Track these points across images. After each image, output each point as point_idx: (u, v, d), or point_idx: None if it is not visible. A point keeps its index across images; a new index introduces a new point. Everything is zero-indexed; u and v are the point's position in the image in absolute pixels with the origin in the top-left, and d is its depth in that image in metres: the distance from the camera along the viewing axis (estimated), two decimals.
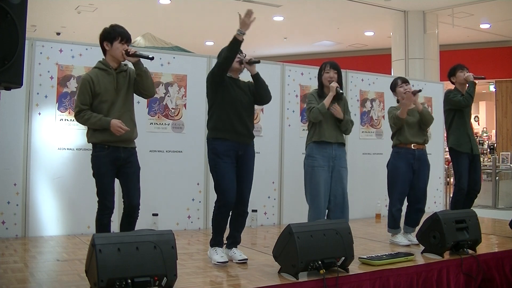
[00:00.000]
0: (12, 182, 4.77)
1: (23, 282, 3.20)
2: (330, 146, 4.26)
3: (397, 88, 4.77)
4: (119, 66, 3.63)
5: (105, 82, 3.54)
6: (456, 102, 5.11)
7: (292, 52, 14.88)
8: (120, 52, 3.53)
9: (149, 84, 3.65)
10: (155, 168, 5.22)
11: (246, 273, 3.54)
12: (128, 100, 3.66)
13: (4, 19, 2.48)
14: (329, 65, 4.33)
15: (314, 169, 4.22)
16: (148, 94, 3.75)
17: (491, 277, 4.19)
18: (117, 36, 3.54)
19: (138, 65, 3.57)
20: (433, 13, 10.80)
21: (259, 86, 3.82)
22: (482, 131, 15.42)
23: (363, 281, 3.52)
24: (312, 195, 4.23)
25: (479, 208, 7.51)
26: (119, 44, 3.54)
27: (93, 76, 3.53)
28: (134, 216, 3.69)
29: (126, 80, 3.64)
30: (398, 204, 4.68)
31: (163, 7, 10.60)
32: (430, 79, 9.85)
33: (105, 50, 3.60)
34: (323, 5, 10.38)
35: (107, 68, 3.58)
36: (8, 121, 4.77)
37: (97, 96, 3.52)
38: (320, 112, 4.17)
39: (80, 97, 3.52)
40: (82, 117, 3.51)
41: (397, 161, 4.69)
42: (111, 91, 3.55)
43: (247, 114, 3.82)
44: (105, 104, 3.53)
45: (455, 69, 5.24)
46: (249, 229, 5.43)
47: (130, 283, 2.71)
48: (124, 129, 3.48)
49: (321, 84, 4.38)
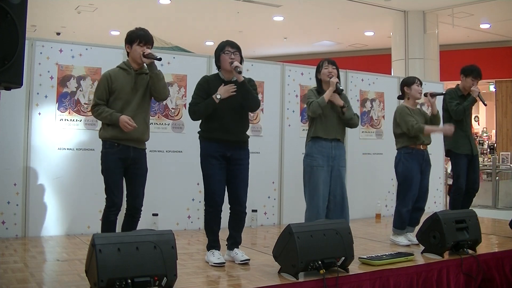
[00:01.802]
0: (12, 182, 4.77)
1: (23, 282, 3.20)
2: (329, 144, 4.24)
3: (414, 85, 4.75)
4: (140, 68, 3.72)
5: (122, 81, 3.64)
6: (449, 108, 5.12)
7: (292, 52, 14.88)
8: (139, 54, 3.63)
9: (160, 87, 3.71)
10: (155, 168, 5.20)
11: (246, 273, 3.54)
12: (144, 102, 3.74)
13: (4, 19, 2.48)
14: (327, 62, 4.33)
15: (313, 169, 4.21)
16: (160, 97, 3.81)
17: (491, 277, 4.19)
18: (136, 38, 3.65)
19: (151, 67, 3.65)
20: (433, 13, 10.81)
21: (243, 94, 3.75)
22: (482, 131, 15.42)
23: (363, 281, 3.52)
24: (311, 194, 4.22)
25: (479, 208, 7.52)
26: (138, 47, 3.64)
27: (112, 74, 3.66)
28: (136, 217, 3.74)
29: (145, 83, 3.72)
30: (409, 205, 4.65)
31: (163, 7, 10.59)
32: (430, 79, 9.84)
33: (127, 52, 3.72)
34: (323, 5, 10.38)
35: (127, 68, 3.69)
36: (8, 121, 4.77)
37: (113, 93, 3.63)
38: (319, 105, 4.14)
39: (97, 92, 3.66)
40: (96, 111, 3.63)
41: (410, 162, 4.65)
42: (127, 90, 3.64)
43: (238, 116, 3.80)
44: (119, 101, 3.62)
45: (471, 73, 5.15)
46: (249, 229, 5.43)
47: (130, 283, 2.71)
48: (131, 125, 3.53)
49: (319, 81, 4.37)
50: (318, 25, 12.12)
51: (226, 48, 3.77)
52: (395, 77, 7.13)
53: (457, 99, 5.17)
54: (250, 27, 12.19)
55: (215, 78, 3.86)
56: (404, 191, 4.68)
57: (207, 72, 5.55)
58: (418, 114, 4.77)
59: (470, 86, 5.15)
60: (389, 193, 6.78)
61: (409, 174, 4.63)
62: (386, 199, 6.76)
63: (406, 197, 4.65)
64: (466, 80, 5.18)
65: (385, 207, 6.73)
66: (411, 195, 4.64)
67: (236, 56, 3.76)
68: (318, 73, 4.38)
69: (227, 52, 3.75)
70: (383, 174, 6.66)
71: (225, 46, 3.79)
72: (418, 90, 4.75)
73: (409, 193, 4.64)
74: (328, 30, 12.55)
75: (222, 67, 3.80)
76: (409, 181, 4.63)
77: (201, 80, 3.87)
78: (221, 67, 3.82)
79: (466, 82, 5.18)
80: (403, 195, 4.69)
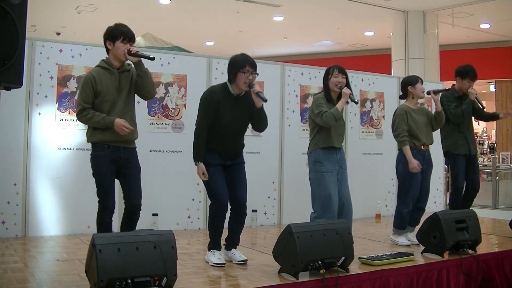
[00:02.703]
0: (12, 182, 4.77)
1: (23, 282, 3.20)
2: (335, 150, 4.24)
3: (418, 84, 4.73)
4: (122, 65, 3.60)
5: (107, 81, 3.51)
6: (447, 111, 5.05)
7: (292, 52, 14.88)
8: (122, 51, 3.49)
9: (149, 85, 3.62)
10: (155, 168, 5.22)
11: (246, 273, 3.54)
12: (129, 100, 3.64)
13: (4, 19, 2.48)
14: (337, 70, 4.22)
15: (324, 175, 4.17)
16: (147, 95, 3.72)
17: (491, 277, 4.19)
18: (119, 35, 3.51)
19: (139, 66, 3.53)
20: (433, 13, 10.81)
21: (259, 119, 3.79)
22: (482, 131, 15.42)
23: (363, 281, 3.52)
24: (323, 200, 4.14)
25: (479, 208, 7.52)
26: (121, 44, 3.50)
27: (95, 75, 3.50)
28: (135, 217, 3.68)
29: (128, 80, 3.62)
30: (410, 205, 4.65)
31: (163, 7, 10.60)
32: (430, 79, 9.83)
33: (108, 49, 3.58)
34: (323, 5, 10.38)
35: (109, 67, 3.55)
36: (8, 121, 4.76)
37: (99, 95, 3.49)
38: (334, 117, 4.08)
39: (82, 95, 3.49)
40: (84, 116, 3.48)
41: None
42: (112, 90, 3.53)
43: (239, 134, 3.82)
44: (106, 104, 3.50)
45: (467, 74, 5.11)
46: (249, 229, 5.43)
47: (130, 283, 2.71)
48: (128, 128, 3.46)
49: (327, 87, 4.28)
50: (318, 25, 12.12)
51: (246, 67, 3.64)
52: (395, 77, 7.13)
53: (454, 101, 5.14)
54: (250, 27, 12.18)
55: (222, 90, 3.74)
56: (404, 191, 4.67)
57: (207, 72, 5.56)
58: (420, 113, 4.75)
59: (467, 88, 5.12)
60: (389, 193, 6.78)
61: (409, 174, 4.62)
62: (386, 199, 6.76)
63: (407, 198, 4.65)
64: (463, 82, 5.14)
65: (385, 207, 6.73)
66: (412, 195, 4.64)
67: (253, 77, 3.68)
68: (326, 80, 4.28)
69: (245, 72, 3.64)
70: (383, 174, 6.66)
71: (245, 65, 3.64)
72: (422, 89, 4.74)
73: (410, 193, 4.63)
74: (328, 30, 12.55)
75: (236, 83, 3.70)
76: (409, 181, 4.62)
77: (207, 94, 3.75)
78: (233, 82, 3.72)
79: (463, 84, 5.15)
80: (404, 196, 4.68)
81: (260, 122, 3.83)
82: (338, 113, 4.10)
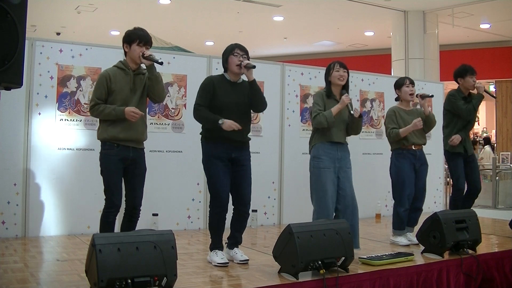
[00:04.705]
0: (12, 182, 4.77)
1: (23, 282, 3.20)
2: (336, 147, 4.24)
3: (404, 87, 4.74)
4: (137, 68, 3.71)
5: (121, 81, 3.63)
6: (458, 109, 5.04)
7: (292, 52, 14.88)
8: (137, 54, 3.61)
9: (159, 89, 3.72)
10: (155, 168, 5.21)
11: (246, 273, 3.54)
12: (142, 102, 3.73)
13: (4, 19, 2.48)
14: (338, 64, 4.28)
15: (321, 170, 4.18)
16: (157, 99, 3.83)
17: (491, 277, 4.19)
18: (136, 38, 3.63)
19: (150, 69, 3.63)
20: (433, 13, 10.81)
21: (253, 93, 3.80)
22: (482, 131, 15.43)
23: (363, 281, 3.52)
24: (319, 196, 4.18)
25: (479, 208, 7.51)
26: (137, 47, 3.62)
27: (111, 73, 3.63)
28: (135, 217, 3.74)
29: (142, 83, 3.72)
30: (406, 205, 4.66)
31: (163, 7, 10.60)
32: (430, 79, 9.85)
33: (125, 51, 3.70)
34: (323, 5, 10.38)
35: (125, 68, 3.67)
36: (8, 121, 4.76)
37: (112, 94, 3.60)
38: (327, 120, 4.11)
39: (96, 92, 3.62)
40: (97, 109, 3.60)
41: (401, 163, 4.68)
42: (126, 90, 3.63)
43: (242, 118, 3.78)
44: (118, 102, 3.60)
45: (465, 72, 5.10)
46: (249, 229, 5.41)
47: (130, 283, 2.71)
48: (138, 113, 3.54)
49: (329, 84, 4.31)
50: (318, 25, 12.12)
51: (236, 50, 3.75)
52: (395, 77, 7.09)
53: (461, 100, 5.12)
54: (250, 27, 12.19)
55: (220, 78, 3.83)
56: (398, 192, 4.70)
57: (207, 72, 5.55)
58: (413, 114, 4.74)
59: (472, 85, 5.09)
60: (389, 193, 6.67)
61: (400, 174, 4.65)
62: (386, 199, 6.75)
63: (402, 197, 4.67)
64: (466, 80, 5.11)
65: (385, 207, 6.73)
66: (406, 195, 4.65)
67: (244, 59, 3.74)
68: (328, 75, 4.32)
69: (236, 54, 3.74)
70: (383, 174, 6.60)
71: (235, 48, 3.76)
72: (408, 92, 4.72)
73: (404, 193, 4.65)
74: (328, 30, 12.55)
75: (229, 68, 3.78)
76: (401, 181, 4.65)
77: (206, 80, 3.83)
78: (228, 69, 3.80)
79: (466, 82, 5.11)
80: (398, 196, 4.70)
81: (257, 99, 3.80)
82: (331, 117, 4.12)
